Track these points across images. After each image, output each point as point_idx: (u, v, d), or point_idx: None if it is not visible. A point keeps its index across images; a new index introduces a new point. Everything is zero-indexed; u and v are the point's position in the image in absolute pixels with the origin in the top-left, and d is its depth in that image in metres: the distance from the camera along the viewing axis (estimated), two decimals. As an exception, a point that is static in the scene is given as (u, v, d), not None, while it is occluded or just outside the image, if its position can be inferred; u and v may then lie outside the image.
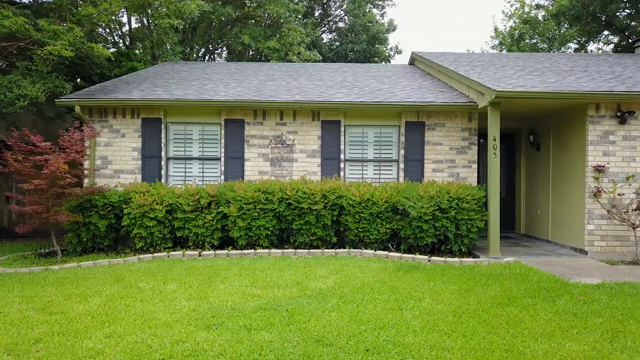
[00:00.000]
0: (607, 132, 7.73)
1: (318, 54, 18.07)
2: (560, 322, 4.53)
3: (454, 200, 7.58)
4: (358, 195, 7.78)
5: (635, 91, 7.46)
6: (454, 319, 4.64)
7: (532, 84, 7.96)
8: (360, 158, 9.09)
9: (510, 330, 4.33)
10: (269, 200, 7.91)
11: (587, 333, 4.26)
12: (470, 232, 7.71)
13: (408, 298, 5.28)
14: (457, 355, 3.81)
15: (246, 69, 12.41)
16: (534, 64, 10.61)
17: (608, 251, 7.66)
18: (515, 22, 20.28)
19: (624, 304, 5.02)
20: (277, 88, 9.80)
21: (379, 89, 9.82)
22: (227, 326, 4.41)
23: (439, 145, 8.91)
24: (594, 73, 9.26)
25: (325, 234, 8.00)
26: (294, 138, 8.92)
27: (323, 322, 4.48)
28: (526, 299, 5.28)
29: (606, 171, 7.68)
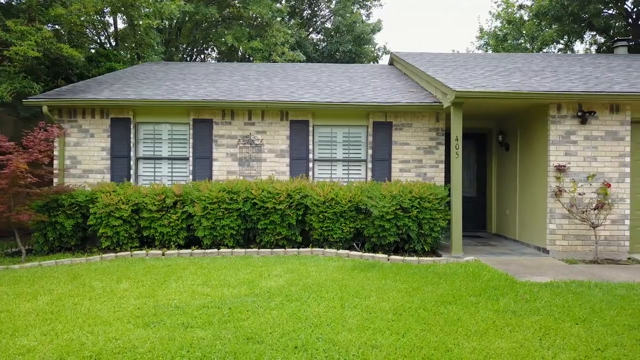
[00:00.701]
0: (568, 132, 7.78)
1: (302, 55, 18.11)
2: (497, 320, 4.58)
3: (416, 200, 7.63)
4: (322, 194, 7.82)
5: (594, 91, 7.52)
6: (393, 316, 4.68)
7: (494, 84, 8.02)
8: (329, 158, 9.14)
9: (445, 328, 4.37)
10: (233, 200, 7.95)
11: (520, 331, 4.31)
12: (433, 232, 7.75)
13: (354, 296, 5.32)
14: (384, 352, 3.86)
15: (224, 70, 12.45)
16: (507, 64, 10.66)
17: (570, 250, 7.71)
18: (501, 23, 20.35)
19: (564, 302, 5.08)
20: (248, 88, 9.84)
21: (349, 89, 9.87)
22: (165, 324, 4.45)
23: (406, 145, 8.96)
24: (562, 73, 9.32)
25: (291, 234, 8.04)
26: (263, 138, 8.96)
27: (261, 320, 4.52)
28: (471, 297, 5.33)
29: (567, 171, 7.74)
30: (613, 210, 7.70)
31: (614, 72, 9.47)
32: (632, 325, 4.41)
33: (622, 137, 7.77)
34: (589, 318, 4.61)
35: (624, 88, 7.78)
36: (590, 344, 4.00)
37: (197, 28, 18.97)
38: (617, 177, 7.74)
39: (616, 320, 4.53)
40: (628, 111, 7.77)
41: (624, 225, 7.74)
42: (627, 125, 7.78)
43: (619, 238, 7.73)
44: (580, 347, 3.93)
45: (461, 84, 7.96)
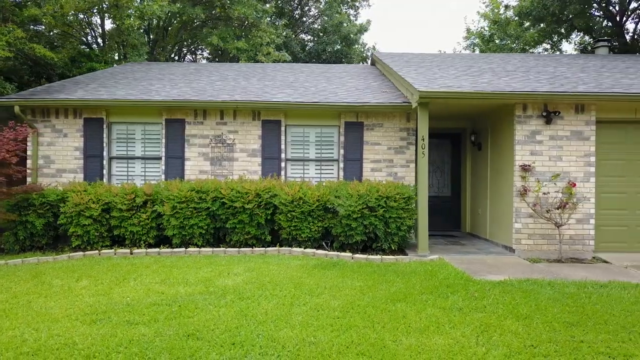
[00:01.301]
0: (534, 131, 7.84)
1: (287, 55, 18.17)
2: (442, 318, 4.63)
3: (382, 199, 7.69)
4: (290, 194, 7.87)
5: (558, 91, 7.59)
6: (339, 314, 4.74)
7: (461, 84, 8.08)
8: (301, 157, 9.20)
9: (388, 325, 4.43)
10: (202, 199, 8.00)
11: (461, 328, 4.37)
12: (400, 230, 7.81)
13: (307, 294, 5.38)
14: (319, 347, 3.91)
15: (204, 70, 12.50)
16: (482, 64, 10.72)
17: (535, 249, 7.78)
18: (488, 23, 20.43)
19: (512, 300, 5.14)
20: (223, 88, 9.90)
21: (324, 89, 9.93)
22: (111, 321, 4.50)
23: (378, 145, 9.02)
24: (534, 74, 9.38)
25: (260, 233, 8.10)
26: (235, 137, 9.02)
27: (207, 318, 4.58)
28: (423, 295, 5.39)
29: (533, 170, 7.80)
30: (578, 209, 7.77)
31: (586, 73, 9.54)
32: (571, 322, 4.47)
33: (588, 137, 7.83)
34: (531, 315, 4.67)
35: (589, 88, 7.85)
36: (525, 341, 4.06)
37: (185, 28, 19.02)
38: (582, 176, 7.81)
39: (557, 318, 4.59)
40: (593, 111, 7.83)
41: (589, 225, 7.80)
42: (592, 125, 7.84)
43: (584, 237, 7.79)
44: (514, 344, 3.99)
45: (428, 84, 8.02)
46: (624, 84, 8.23)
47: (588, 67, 10.27)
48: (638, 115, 7.92)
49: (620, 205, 8.03)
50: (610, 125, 7.99)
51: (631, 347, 3.94)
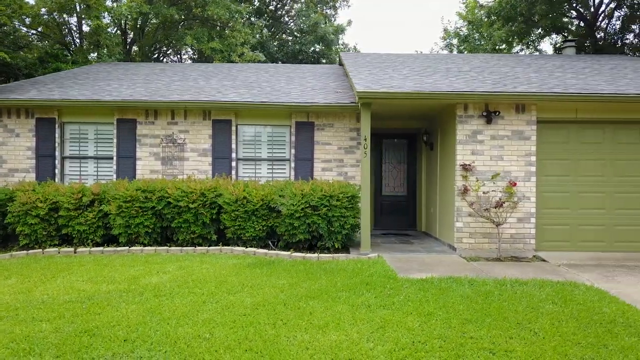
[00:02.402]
0: (475, 131, 7.92)
1: (262, 55, 18.23)
2: (347, 314, 4.70)
3: (325, 198, 7.75)
4: (234, 193, 7.93)
5: (497, 91, 7.66)
6: (247, 311, 4.80)
7: (405, 84, 8.15)
8: (253, 157, 9.27)
9: (291, 322, 4.49)
10: (147, 198, 8.06)
11: (360, 324, 4.43)
12: (343, 229, 7.87)
13: (225, 292, 5.44)
14: (211, 342, 3.98)
15: (169, 70, 12.56)
16: (441, 64, 10.79)
17: (477, 248, 7.85)
18: (465, 23, 20.53)
19: (423, 297, 5.21)
20: (179, 88, 9.96)
21: (280, 89, 9.99)
22: (17, 318, 4.56)
23: (328, 145, 9.09)
24: (487, 74, 9.45)
25: (206, 232, 8.15)
26: (185, 137, 9.08)
27: (113, 315, 4.63)
28: (340, 292, 5.45)
29: (474, 170, 7.87)
30: (519, 208, 7.84)
31: (538, 73, 9.62)
32: (470, 319, 4.54)
33: (528, 136, 7.90)
34: (434, 312, 4.73)
35: (529, 88, 7.92)
36: (417, 337, 4.12)
37: (162, 29, 19.07)
38: (523, 175, 7.88)
39: (459, 315, 4.66)
40: (534, 111, 7.91)
41: (530, 224, 7.88)
42: (533, 125, 7.92)
43: (525, 236, 7.87)
44: (403, 340, 4.06)
45: (372, 84, 8.09)
46: (568, 84, 8.31)
47: (545, 68, 10.35)
48: (579, 115, 7.99)
49: (563, 204, 8.10)
50: (552, 125, 8.07)
51: (515, 343, 4.01)
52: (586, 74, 9.60)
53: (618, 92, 7.64)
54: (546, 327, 4.36)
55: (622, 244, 8.07)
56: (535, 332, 4.26)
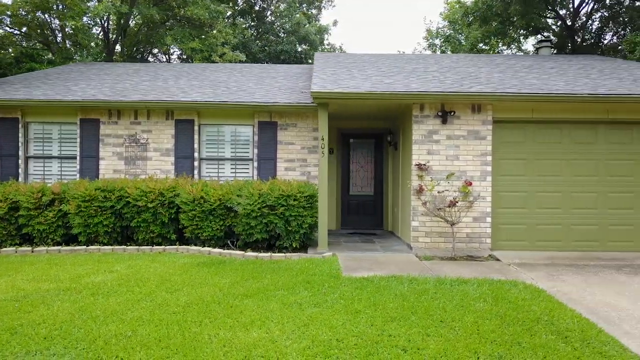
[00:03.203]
0: (431, 131, 7.96)
1: (242, 55, 18.26)
2: (276, 312, 4.74)
3: (283, 198, 7.79)
4: (191, 193, 7.97)
5: (450, 91, 7.71)
6: (179, 309, 4.84)
7: (363, 84, 8.19)
8: (216, 157, 9.30)
9: (218, 320, 4.54)
10: (107, 198, 8.09)
11: (286, 322, 4.47)
12: (301, 228, 7.90)
13: (165, 291, 5.47)
14: (129, 341, 4.01)
15: (143, 70, 12.57)
16: (408, 65, 10.81)
17: (433, 247, 7.89)
18: (447, 22, 20.60)
19: (357, 296, 5.25)
20: (146, 88, 9.99)
21: (246, 89, 10.03)
22: (-58, 317, 4.60)
23: (291, 144, 9.13)
24: (450, 74, 9.47)
25: (165, 231, 8.19)
26: (148, 137, 9.12)
27: (43, 313, 4.67)
28: (278, 290, 5.50)
29: (430, 169, 7.92)
30: (475, 208, 7.89)
31: (503, 73, 9.66)
32: (394, 317, 4.59)
33: (484, 136, 7.95)
34: (363, 310, 4.78)
35: (485, 88, 7.97)
36: (336, 334, 4.17)
37: (144, 29, 19.10)
38: (479, 175, 7.93)
39: (386, 313, 4.70)
40: (490, 111, 7.96)
41: (486, 223, 7.93)
42: (489, 124, 7.96)
43: (480, 235, 7.91)
44: (321, 338, 4.11)
45: (330, 85, 8.13)
46: (525, 85, 8.35)
47: (513, 68, 10.39)
48: (535, 115, 8.04)
49: (520, 204, 8.14)
50: (509, 124, 8.12)
51: (431, 340, 4.06)
52: (550, 74, 9.64)
53: (571, 92, 7.70)
54: (468, 325, 4.41)
55: (578, 244, 8.12)
56: (456, 329, 4.30)
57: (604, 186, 8.15)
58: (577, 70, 10.24)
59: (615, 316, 4.85)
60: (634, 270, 6.85)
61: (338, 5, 50.34)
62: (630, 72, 10.02)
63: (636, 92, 7.76)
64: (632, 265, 7.19)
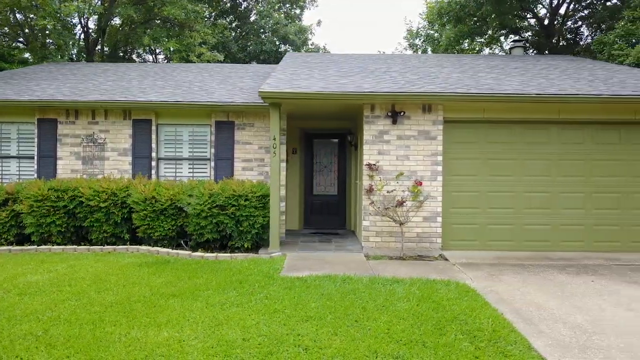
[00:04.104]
0: (382, 131, 7.98)
1: (220, 55, 18.27)
2: (195, 312, 4.76)
3: (233, 198, 7.80)
4: (144, 192, 7.98)
5: (401, 91, 7.72)
6: (101, 309, 4.87)
7: (314, 84, 8.20)
8: (174, 157, 9.32)
9: (136, 320, 4.56)
10: (60, 197, 8.10)
11: (198, 321, 4.50)
12: (253, 229, 7.92)
13: (95, 291, 5.49)
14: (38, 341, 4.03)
15: (112, 70, 12.58)
16: (374, 65, 10.83)
17: (383, 247, 7.91)
18: (426, 23, 20.67)
19: (283, 295, 5.28)
20: (108, 88, 10.00)
21: (207, 89, 10.04)
22: None
23: (249, 144, 9.14)
24: (410, 75, 9.49)
25: (119, 231, 8.21)
26: (106, 137, 9.13)
27: (-39, 312, 4.69)
28: (209, 290, 5.52)
29: (380, 169, 7.93)
30: (425, 207, 7.91)
31: (462, 73, 9.68)
32: (311, 317, 4.61)
33: (435, 136, 7.97)
34: (282, 310, 4.81)
35: (435, 88, 7.98)
36: (245, 334, 4.20)
37: (123, 29, 19.09)
38: (429, 175, 7.95)
39: (305, 312, 4.73)
40: (440, 111, 7.98)
41: (436, 223, 7.95)
42: (439, 124, 7.98)
43: (431, 235, 7.93)
44: (229, 337, 4.14)
45: (282, 85, 8.13)
46: (478, 84, 8.37)
47: (476, 68, 10.43)
48: (487, 115, 8.06)
49: (472, 203, 8.16)
50: (460, 124, 8.14)
51: (337, 339, 4.08)
52: (510, 74, 9.66)
53: (519, 93, 7.72)
54: (381, 324, 4.43)
55: (530, 244, 8.14)
56: (366, 329, 4.33)
57: (556, 186, 8.17)
58: (540, 70, 10.27)
59: (537, 316, 4.88)
60: (578, 270, 6.88)
61: (324, 5, 50.72)
62: (591, 72, 10.06)
63: (585, 92, 7.79)
64: (578, 265, 7.21)
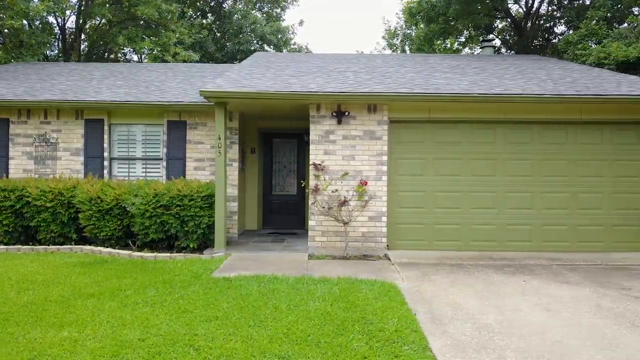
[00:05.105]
0: (328, 131, 7.98)
1: (196, 55, 18.26)
2: (105, 312, 4.78)
3: (178, 198, 7.80)
4: (89, 193, 7.97)
5: (343, 92, 7.72)
6: (12, 309, 4.88)
7: (261, 84, 8.19)
8: (127, 156, 9.31)
9: (43, 320, 4.58)
10: (6, 197, 8.11)
11: (105, 322, 4.49)
12: (199, 229, 7.92)
13: (16, 290, 5.52)
14: None
15: (77, 69, 12.57)
16: (338, 65, 10.81)
17: (329, 246, 7.91)
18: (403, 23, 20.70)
19: (201, 295, 5.28)
20: (68, 88, 9.99)
21: (164, 88, 10.03)
22: None
23: (201, 144, 9.14)
24: (364, 74, 9.47)
25: (67, 231, 8.21)
26: (58, 137, 9.13)
27: None
28: (131, 290, 5.53)
29: (327, 169, 7.93)
30: (370, 207, 7.91)
31: (419, 73, 9.68)
32: (216, 317, 4.62)
33: (380, 136, 7.97)
34: (192, 310, 4.81)
35: (378, 88, 7.98)
36: (144, 334, 4.19)
37: (99, 29, 19.08)
38: (374, 175, 7.95)
39: (212, 312, 4.73)
40: (385, 111, 7.98)
41: (382, 222, 7.95)
42: (384, 124, 7.98)
43: (376, 234, 7.94)
44: (125, 337, 4.14)
45: (227, 84, 8.12)
46: (429, 84, 8.37)
47: (435, 68, 10.44)
48: (432, 115, 8.06)
49: (418, 203, 8.16)
50: (407, 124, 8.13)
51: (231, 340, 4.08)
52: (466, 73, 9.67)
53: (464, 92, 7.72)
54: (284, 324, 4.45)
55: (477, 243, 8.15)
56: (268, 329, 4.33)
57: (503, 186, 8.18)
58: (499, 70, 10.27)
59: (450, 316, 4.88)
60: (515, 270, 6.88)
61: (309, 5, 50.86)
62: (549, 72, 10.06)
63: (529, 92, 7.79)
64: (519, 265, 7.21)
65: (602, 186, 8.19)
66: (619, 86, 8.35)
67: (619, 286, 6.13)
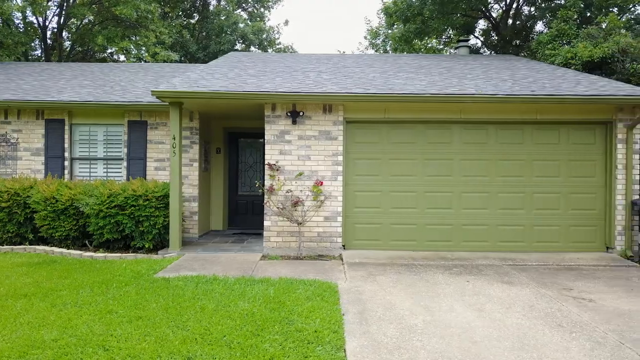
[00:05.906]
0: (283, 131, 7.97)
1: (175, 55, 18.24)
2: (29, 313, 4.76)
3: (132, 198, 7.79)
4: (44, 193, 7.96)
5: (297, 91, 7.71)
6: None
7: (216, 84, 8.18)
8: (88, 156, 9.30)
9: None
10: (-38, 198, 8.09)
11: (25, 323, 4.48)
12: (154, 229, 7.91)
13: (-51, 291, 5.49)
14: None
15: (49, 69, 12.56)
16: (303, 65, 10.82)
17: (284, 246, 7.91)
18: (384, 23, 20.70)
19: (134, 295, 5.26)
20: (27, 88, 9.97)
21: (130, 88, 10.02)
22: None
23: (161, 144, 9.13)
24: (327, 75, 9.47)
25: (23, 231, 8.21)
26: (19, 137, 9.11)
27: None
28: (67, 290, 5.53)
29: (282, 169, 7.93)
30: (326, 207, 7.91)
31: (384, 74, 9.67)
32: (139, 317, 4.60)
33: (335, 136, 7.96)
34: (118, 311, 4.80)
35: (333, 89, 7.97)
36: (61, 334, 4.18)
37: (80, 29, 19.04)
38: (330, 175, 7.94)
39: (137, 313, 4.72)
40: (341, 111, 7.97)
41: (337, 222, 7.94)
42: (340, 125, 7.98)
43: (332, 234, 7.93)
44: (36, 337, 4.11)
45: (182, 84, 8.10)
46: (387, 85, 8.37)
47: (402, 68, 10.44)
48: (388, 115, 8.06)
49: (374, 203, 8.16)
50: (362, 125, 8.13)
51: (144, 341, 4.07)
52: (429, 73, 9.67)
53: (417, 93, 7.72)
54: (204, 325, 4.43)
55: (432, 243, 8.15)
56: (187, 330, 4.32)
57: (459, 186, 8.18)
58: (464, 70, 10.27)
59: (379, 316, 4.88)
60: (463, 270, 6.88)
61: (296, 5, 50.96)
62: (513, 72, 10.07)
63: (483, 92, 7.79)
64: (469, 265, 7.21)
65: (559, 186, 8.19)
66: (577, 86, 8.36)
67: (562, 287, 6.14)
